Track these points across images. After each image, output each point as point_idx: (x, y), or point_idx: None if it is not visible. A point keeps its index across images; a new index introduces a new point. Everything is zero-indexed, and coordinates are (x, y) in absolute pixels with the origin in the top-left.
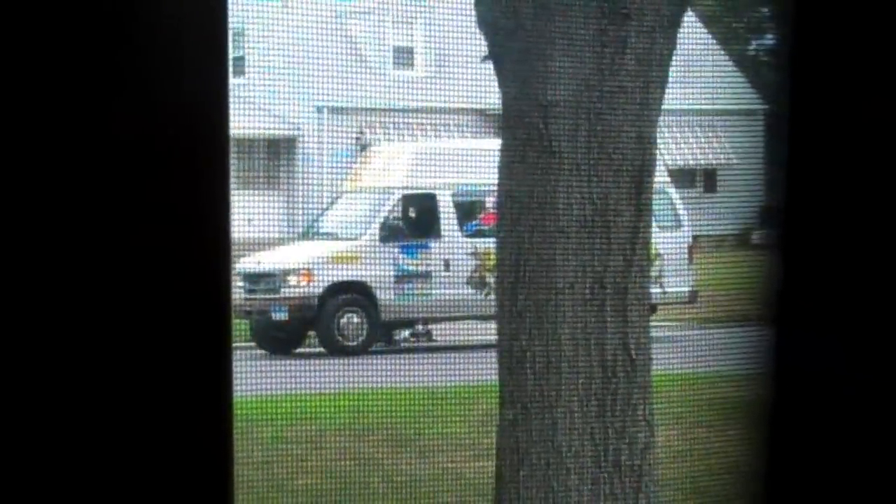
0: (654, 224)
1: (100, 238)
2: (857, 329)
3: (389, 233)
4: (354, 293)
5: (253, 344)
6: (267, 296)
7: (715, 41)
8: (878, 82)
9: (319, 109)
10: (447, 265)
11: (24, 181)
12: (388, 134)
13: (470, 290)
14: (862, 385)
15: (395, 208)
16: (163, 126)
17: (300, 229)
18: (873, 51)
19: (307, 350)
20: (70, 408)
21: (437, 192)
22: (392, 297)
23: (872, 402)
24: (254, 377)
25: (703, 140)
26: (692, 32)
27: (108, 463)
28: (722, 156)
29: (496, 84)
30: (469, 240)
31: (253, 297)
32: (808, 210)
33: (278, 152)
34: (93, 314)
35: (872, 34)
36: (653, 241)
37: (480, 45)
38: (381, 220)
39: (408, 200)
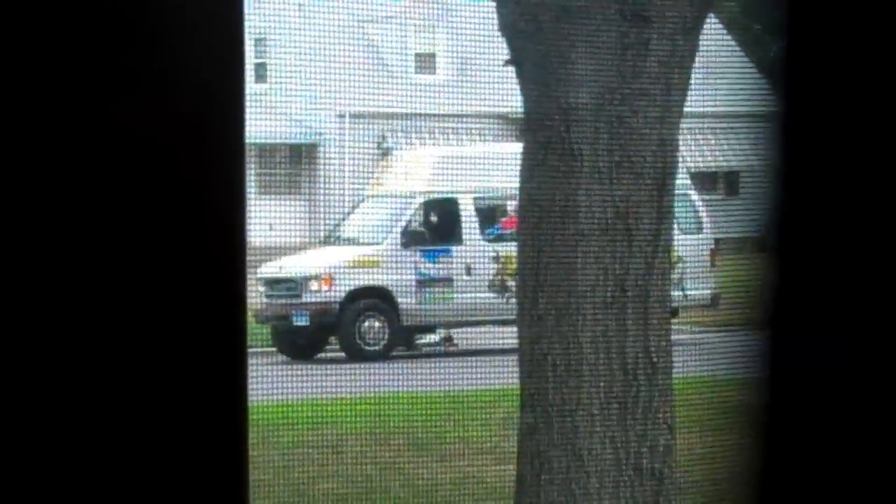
0: (675, 228)
1: (115, 242)
2: (853, 330)
3: (411, 238)
4: (375, 298)
5: (274, 349)
6: (288, 301)
7: (736, 44)
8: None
9: (341, 115)
10: (468, 270)
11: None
12: (410, 139)
13: (491, 295)
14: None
15: (417, 213)
16: (178, 129)
17: (322, 235)
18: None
19: (328, 355)
20: (84, 412)
21: (458, 196)
22: (413, 302)
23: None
24: (275, 382)
25: (724, 143)
26: (714, 36)
27: (122, 467)
28: (743, 159)
29: (518, 88)
30: (490, 244)
31: (274, 302)
32: (802, 212)
33: (300, 158)
34: (108, 318)
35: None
36: (674, 244)
37: (502, 50)
38: (403, 225)
39: (429, 205)
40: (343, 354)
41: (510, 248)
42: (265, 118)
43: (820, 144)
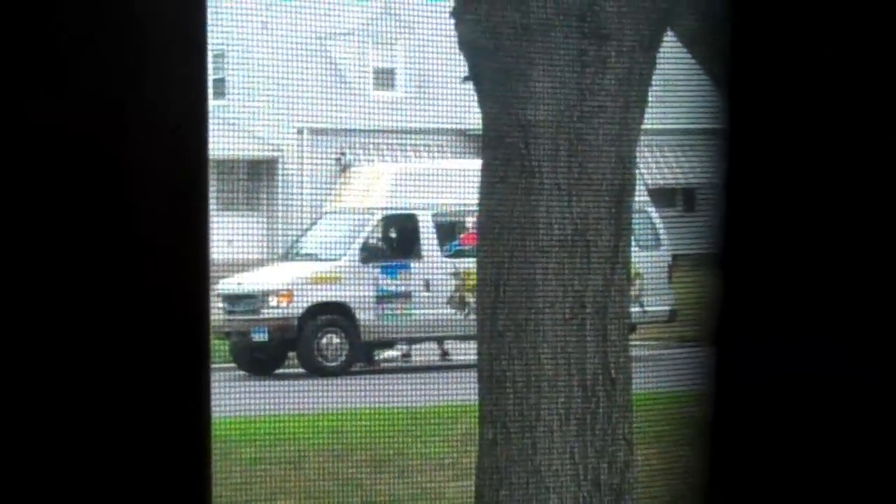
0: (634, 243)
1: (76, 258)
2: (800, 339)
3: (370, 253)
4: (335, 314)
5: (233, 365)
6: (247, 317)
7: (694, 61)
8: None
9: (300, 131)
10: (427, 285)
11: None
12: (369, 155)
13: (450, 311)
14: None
15: (376, 229)
16: (141, 147)
17: (281, 250)
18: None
19: (287, 371)
20: (42, 427)
21: (417, 212)
22: (372, 317)
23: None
24: (234, 398)
25: (682, 160)
26: (672, 53)
27: (84, 483)
28: (702, 175)
29: (477, 104)
30: (449, 260)
31: (233, 317)
32: (745, 227)
33: (259, 173)
34: (68, 333)
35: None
36: (633, 260)
37: (461, 66)
38: (362, 240)
39: (388, 221)
40: (302, 370)
41: (469, 264)
42: (224, 133)
43: (763, 158)
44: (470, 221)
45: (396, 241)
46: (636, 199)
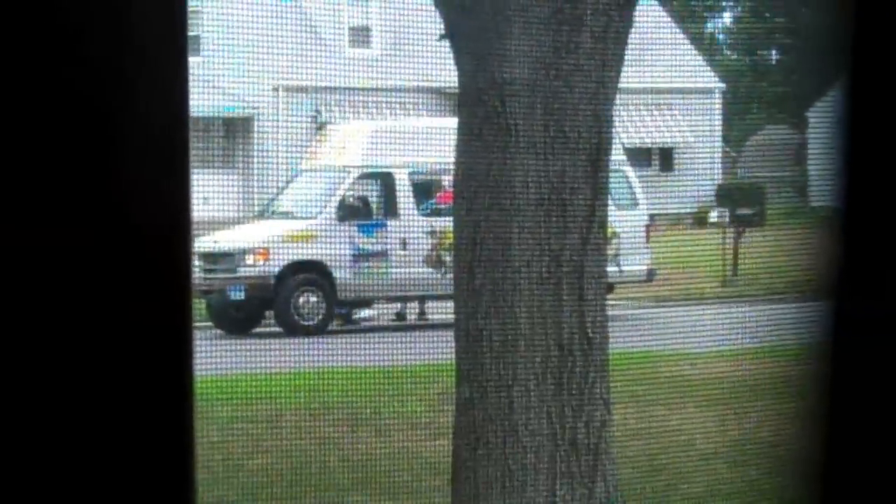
0: (610, 203)
1: (58, 218)
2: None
3: (346, 212)
4: (311, 272)
5: (210, 324)
6: (224, 275)
7: (671, 20)
8: None
9: (276, 88)
10: (404, 244)
11: None
12: (345, 113)
13: (427, 270)
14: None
15: (353, 187)
16: (121, 105)
17: (257, 208)
18: None
19: (264, 330)
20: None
21: (393, 170)
22: (349, 276)
23: None
24: (211, 357)
25: (659, 119)
26: (648, 11)
27: (69, 443)
28: (678, 135)
29: (453, 62)
30: (426, 219)
31: (210, 276)
32: (869, 186)
33: (235, 131)
34: (52, 297)
35: None
36: (609, 220)
37: (437, 24)
38: (339, 198)
39: (365, 179)
40: (279, 329)
41: (446, 223)
42: (199, 91)
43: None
44: (447, 180)
45: (373, 199)
46: (613, 158)
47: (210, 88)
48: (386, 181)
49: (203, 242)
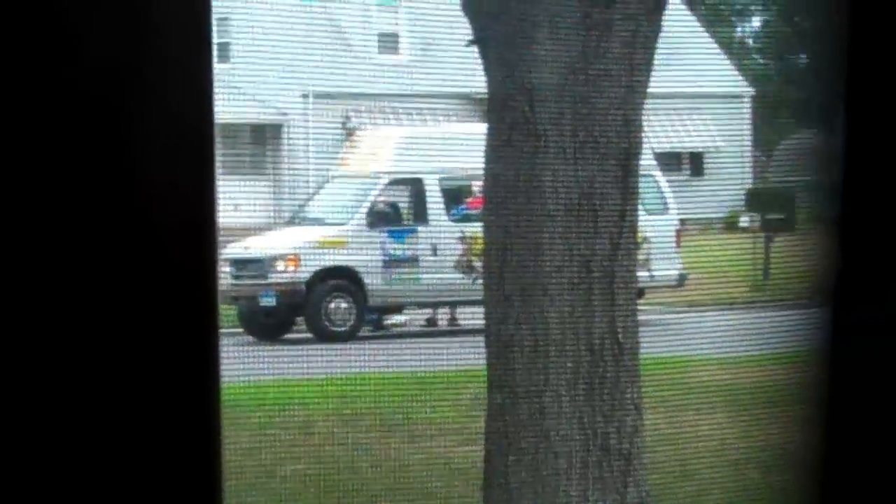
0: (640, 208)
1: (85, 225)
2: None
3: (376, 218)
4: (342, 279)
5: (241, 330)
6: (255, 282)
7: (700, 24)
8: None
9: (305, 95)
10: (434, 250)
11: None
12: (374, 119)
13: (458, 275)
14: None
15: (382, 193)
16: (147, 112)
17: (287, 215)
18: None
19: (295, 336)
20: (56, 395)
21: (423, 176)
22: (380, 282)
23: None
24: (242, 363)
25: (689, 124)
26: (677, 15)
27: (95, 449)
28: (708, 139)
29: (481, 68)
30: (456, 224)
31: (240, 282)
32: (866, 189)
33: (264, 138)
34: (79, 301)
35: None
36: (640, 225)
37: (465, 30)
38: (368, 205)
39: (394, 185)
40: (310, 335)
41: (476, 228)
42: (229, 98)
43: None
44: (476, 186)
45: (403, 205)
46: (642, 163)
47: (239, 95)
48: (416, 187)
49: (233, 249)
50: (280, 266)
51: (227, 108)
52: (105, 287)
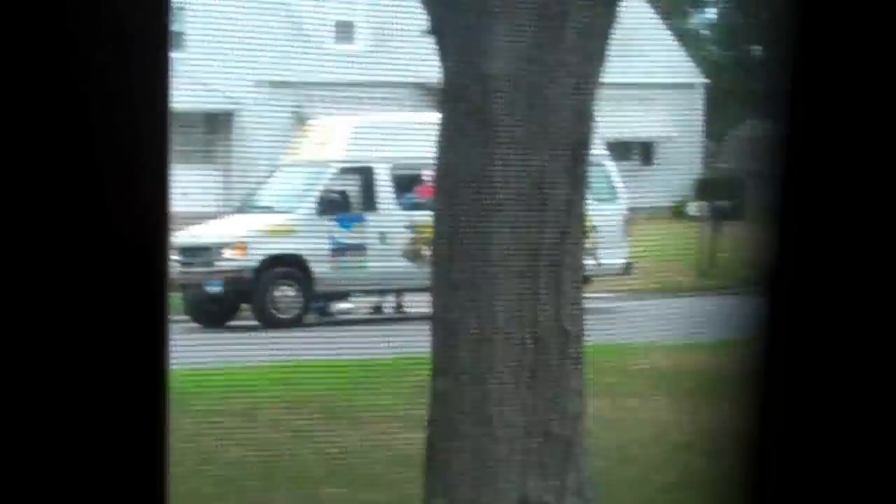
0: (590, 197)
1: (36, 210)
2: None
3: (325, 206)
4: (289, 266)
5: (187, 317)
6: (202, 269)
7: (655, 15)
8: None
9: (258, 83)
10: (383, 238)
11: None
12: (327, 108)
13: (405, 263)
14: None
15: (332, 181)
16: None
17: (237, 203)
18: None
19: (241, 323)
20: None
21: (374, 165)
22: (327, 269)
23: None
24: (187, 350)
25: (640, 113)
26: (632, 6)
27: (40, 435)
28: (659, 129)
29: (436, 58)
30: (405, 213)
31: (188, 270)
32: (803, 179)
33: (216, 126)
34: (29, 286)
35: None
36: (589, 213)
37: (420, 19)
38: (318, 193)
39: (345, 174)
40: (256, 322)
41: (425, 217)
42: (181, 86)
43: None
44: (426, 174)
45: (352, 193)
46: (593, 151)
47: (192, 83)
48: (366, 175)
49: (182, 236)
50: (227, 253)
51: (179, 96)
52: (56, 272)
